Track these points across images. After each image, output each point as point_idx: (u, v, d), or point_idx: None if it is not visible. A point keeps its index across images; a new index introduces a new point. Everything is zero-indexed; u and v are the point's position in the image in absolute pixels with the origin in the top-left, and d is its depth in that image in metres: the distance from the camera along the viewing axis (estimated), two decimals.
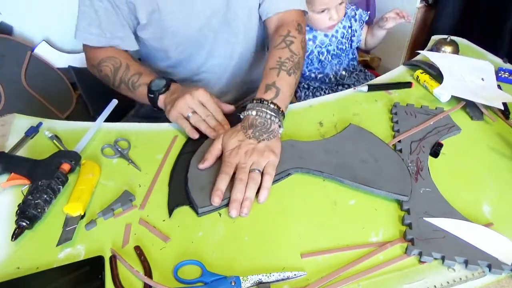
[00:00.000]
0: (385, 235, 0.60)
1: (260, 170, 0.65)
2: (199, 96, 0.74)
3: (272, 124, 0.70)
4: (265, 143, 0.67)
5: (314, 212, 0.63)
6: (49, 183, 0.61)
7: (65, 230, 0.58)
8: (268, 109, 0.70)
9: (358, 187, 0.66)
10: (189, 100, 0.73)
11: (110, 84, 0.86)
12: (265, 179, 0.64)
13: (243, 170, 0.64)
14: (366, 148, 0.72)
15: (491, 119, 0.84)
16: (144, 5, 0.82)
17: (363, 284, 0.54)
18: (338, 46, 1.25)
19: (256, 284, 0.52)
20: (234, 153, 0.66)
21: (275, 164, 0.66)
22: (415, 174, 0.69)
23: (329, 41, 1.23)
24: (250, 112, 0.71)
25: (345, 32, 1.25)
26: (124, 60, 0.84)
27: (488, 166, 0.73)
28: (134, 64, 0.84)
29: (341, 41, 1.25)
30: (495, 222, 0.62)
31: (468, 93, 0.88)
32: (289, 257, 0.57)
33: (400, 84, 0.94)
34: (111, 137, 0.74)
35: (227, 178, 0.63)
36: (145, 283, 0.52)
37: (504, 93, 0.91)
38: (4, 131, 0.74)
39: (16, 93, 1.51)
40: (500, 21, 1.48)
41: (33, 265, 0.54)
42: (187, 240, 0.58)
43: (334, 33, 1.24)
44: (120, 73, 0.83)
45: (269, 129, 0.69)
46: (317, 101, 0.87)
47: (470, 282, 0.55)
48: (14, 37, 1.54)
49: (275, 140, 0.69)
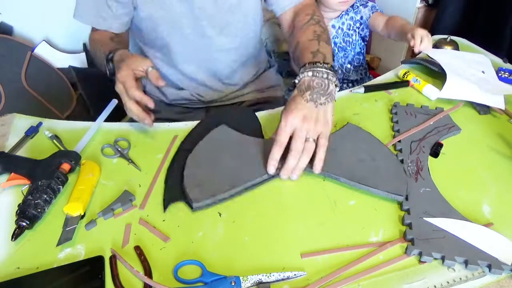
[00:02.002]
0: (385, 235, 0.60)
1: (315, 140, 0.65)
2: (121, 77, 0.71)
3: (330, 85, 0.68)
4: (323, 109, 0.66)
5: (314, 212, 0.63)
6: (49, 183, 0.61)
7: (65, 230, 0.58)
8: (323, 67, 0.69)
9: (354, 185, 0.66)
10: (117, 84, 0.71)
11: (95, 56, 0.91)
12: (320, 150, 0.65)
13: (299, 140, 0.63)
14: (364, 147, 0.72)
15: (499, 113, 0.85)
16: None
17: (363, 284, 0.54)
18: (345, 39, 1.24)
19: (256, 284, 0.52)
20: (290, 119, 0.64)
21: (328, 134, 0.66)
22: (415, 174, 0.69)
23: (335, 32, 1.23)
24: (305, 73, 0.68)
25: (352, 24, 1.24)
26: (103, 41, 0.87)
27: (488, 166, 0.73)
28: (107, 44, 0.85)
29: (348, 33, 1.24)
30: (495, 222, 0.62)
31: (470, 91, 0.88)
32: (289, 257, 0.57)
33: (397, 83, 0.94)
34: (111, 137, 0.74)
35: (282, 148, 0.64)
36: (145, 283, 0.52)
37: (505, 84, 0.92)
38: (4, 131, 0.74)
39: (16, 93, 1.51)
40: (501, 21, 1.48)
41: (33, 265, 0.54)
42: (187, 240, 0.58)
43: (340, 25, 1.23)
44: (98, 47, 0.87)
45: (327, 91, 0.67)
46: None
47: (470, 282, 0.55)
48: (14, 37, 1.54)
49: (331, 106, 0.67)
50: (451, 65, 0.95)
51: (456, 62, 0.98)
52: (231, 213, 0.62)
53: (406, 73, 0.96)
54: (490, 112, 0.86)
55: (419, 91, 0.92)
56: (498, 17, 1.50)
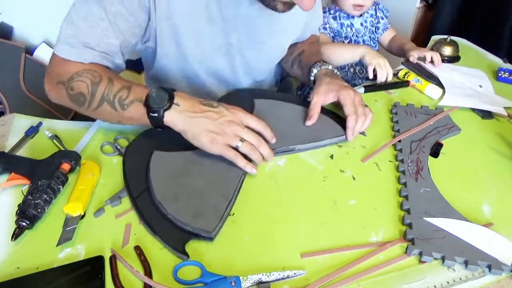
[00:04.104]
0: (385, 235, 0.60)
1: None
2: (247, 121, 0.67)
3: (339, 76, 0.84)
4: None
5: (314, 212, 0.63)
6: (49, 183, 0.61)
7: (65, 230, 0.57)
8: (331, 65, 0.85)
9: (308, 148, 0.73)
10: (236, 128, 0.65)
11: (84, 107, 0.67)
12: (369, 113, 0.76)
13: (360, 106, 0.75)
14: (285, 114, 0.78)
15: (503, 117, 0.84)
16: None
17: (363, 284, 0.54)
18: (370, 36, 1.25)
19: (256, 284, 0.52)
20: (345, 92, 0.75)
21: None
22: (415, 174, 0.69)
23: (364, 30, 1.23)
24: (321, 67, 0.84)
25: (373, 20, 1.25)
26: (105, 73, 0.67)
27: (488, 166, 0.73)
28: (118, 77, 0.68)
29: (371, 30, 1.25)
30: (495, 222, 0.62)
31: (470, 100, 0.88)
32: (289, 257, 0.57)
33: (397, 83, 0.94)
34: (111, 136, 0.74)
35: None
36: (145, 283, 0.52)
37: (502, 98, 0.92)
38: (4, 131, 0.74)
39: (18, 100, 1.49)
40: (500, 21, 1.49)
41: (33, 265, 0.54)
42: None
43: (364, 22, 1.23)
44: (101, 88, 0.65)
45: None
46: None
47: (470, 282, 0.55)
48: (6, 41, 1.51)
49: None
50: (449, 79, 0.95)
51: (453, 76, 0.98)
52: (230, 213, 0.62)
53: (406, 74, 0.96)
54: (494, 117, 0.85)
55: (421, 91, 0.92)
56: (496, 16, 1.50)
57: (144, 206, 0.60)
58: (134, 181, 0.64)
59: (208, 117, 0.64)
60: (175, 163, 0.66)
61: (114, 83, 0.66)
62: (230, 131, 0.64)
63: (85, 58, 0.67)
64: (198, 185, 0.63)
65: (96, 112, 0.67)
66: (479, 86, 0.95)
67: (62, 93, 0.68)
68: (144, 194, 0.62)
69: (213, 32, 0.79)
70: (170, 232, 0.57)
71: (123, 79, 0.68)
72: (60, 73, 0.68)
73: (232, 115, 0.66)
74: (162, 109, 0.63)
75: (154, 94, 0.64)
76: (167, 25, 0.74)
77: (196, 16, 0.75)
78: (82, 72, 0.66)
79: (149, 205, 0.61)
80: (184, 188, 0.63)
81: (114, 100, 0.65)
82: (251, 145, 0.65)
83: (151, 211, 0.60)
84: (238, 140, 0.64)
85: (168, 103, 0.63)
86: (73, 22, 0.67)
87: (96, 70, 0.67)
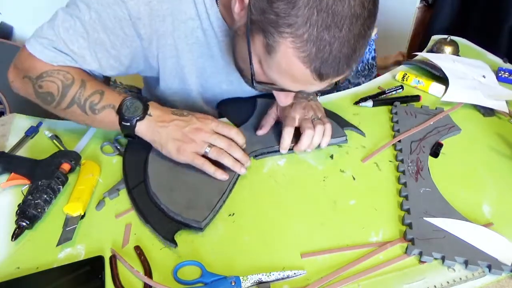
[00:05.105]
0: (385, 235, 0.60)
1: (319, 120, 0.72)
2: (217, 128, 0.65)
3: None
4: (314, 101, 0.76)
5: (314, 212, 0.63)
6: (49, 183, 0.61)
7: (65, 230, 0.58)
8: None
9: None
10: (204, 135, 0.63)
11: (52, 106, 0.65)
12: (327, 127, 0.71)
13: (308, 120, 0.71)
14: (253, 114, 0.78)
15: (504, 115, 0.84)
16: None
17: (363, 284, 0.54)
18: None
19: (256, 284, 0.52)
20: (294, 108, 0.72)
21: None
22: (415, 174, 0.69)
23: None
24: None
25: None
26: (78, 75, 0.65)
27: (488, 166, 0.73)
28: (92, 80, 0.66)
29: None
30: (495, 222, 0.62)
31: (473, 95, 0.88)
32: (289, 257, 0.57)
33: (408, 97, 0.90)
34: (111, 137, 0.74)
35: (293, 131, 0.70)
36: (145, 283, 0.52)
37: (507, 90, 0.92)
38: (4, 131, 0.74)
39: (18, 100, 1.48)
40: (499, 20, 1.48)
41: (33, 265, 0.54)
42: (187, 240, 0.58)
43: None
44: (73, 91, 0.64)
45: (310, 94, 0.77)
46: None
47: (470, 282, 0.55)
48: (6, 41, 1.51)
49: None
50: (452, 70, 0.95)
51: (457, 67, 0.97)
52: (230, 213, 0.62)
53: (405, 76, 0.95)
54: (495, 115, 0.85)
55: (424, 91, 0.91)
56: (496, 16, 1.50)
57: (139, 196, 0.62)
58: (132, 172, 0.66)
59: (176, 125, 0.63)
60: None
61: (86, 87, 0.64)
62: (198, 138, 0.63)
63: (57, 61, 0.64)
64: (194, 179, 0.64)
65: (65, 112, 0.66)
66: (483, 77, 0.95)
67: (28, 87, 0.66)
68: (140, 185, 0.64)
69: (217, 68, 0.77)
70: (161, 221, 0.59)
71: (98, 83, 0.66)
72: (29, 68, 0.66)
73: (200, 123, 0.64)
74: (135, 119, 0.62)
75: (129, 103, 0.63)
76: (171, 63, 0.73)
77: (198, 54, 0.73)
78: (52, 71, 0.64)
79: (144, 195, 0.62)
80: (180, 182, 0.64)
81: (85, 104, 0.64)
82: (220, 150, 0.64)
83: (145, 201, 0.61)
84: (206, 147, 0.63)
85: (142, 113, 0.63)
86: (53, 28, 0.64)
87: (69, 72, 0.65)
